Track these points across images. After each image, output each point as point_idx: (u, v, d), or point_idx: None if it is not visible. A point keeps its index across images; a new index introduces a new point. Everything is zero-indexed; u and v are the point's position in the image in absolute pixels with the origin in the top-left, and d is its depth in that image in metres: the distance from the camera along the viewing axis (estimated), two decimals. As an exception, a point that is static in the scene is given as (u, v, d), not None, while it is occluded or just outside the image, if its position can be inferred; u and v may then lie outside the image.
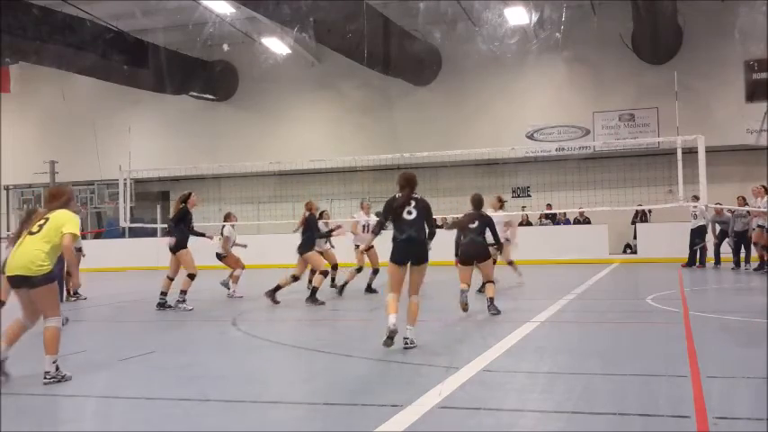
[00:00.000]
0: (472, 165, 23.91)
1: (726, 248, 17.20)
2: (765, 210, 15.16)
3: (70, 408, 5.16)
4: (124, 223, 17.64)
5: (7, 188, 30.46)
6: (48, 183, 27.90)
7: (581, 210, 21.29)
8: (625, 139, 22.22)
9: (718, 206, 16.78)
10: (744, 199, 16.61)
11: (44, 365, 5.63)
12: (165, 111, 28.20)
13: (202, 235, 12.05)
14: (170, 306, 10.81)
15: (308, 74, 26.91)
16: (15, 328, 5.78)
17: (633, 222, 22.51)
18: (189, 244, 11.05)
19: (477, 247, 9.48)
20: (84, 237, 12.52)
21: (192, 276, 10.83)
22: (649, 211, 22.30)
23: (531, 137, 25.04)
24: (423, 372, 5.75)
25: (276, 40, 25.10)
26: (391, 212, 7.21)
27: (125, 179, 17.01)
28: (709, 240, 17.49)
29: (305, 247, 11.38)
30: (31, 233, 5.72)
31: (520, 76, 25.13)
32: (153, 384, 5.82)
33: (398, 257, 7.04)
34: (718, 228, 17.22)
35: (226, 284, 13.21)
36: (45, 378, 5.62)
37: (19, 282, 5.65)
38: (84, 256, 13.24)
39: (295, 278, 11.38)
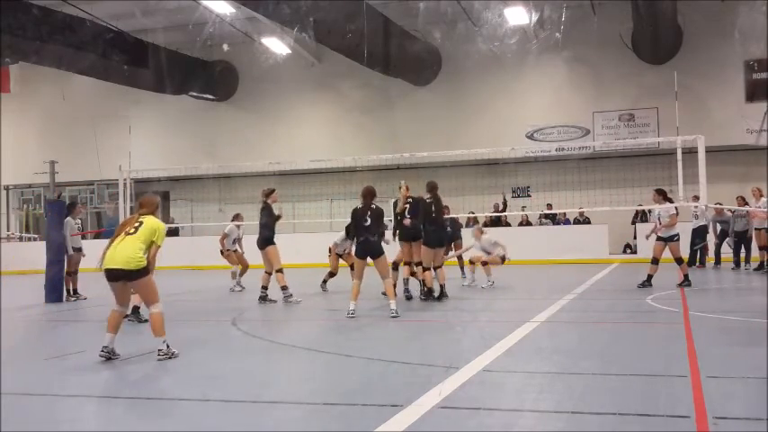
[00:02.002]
0: (472, 165, 23.92)
1: (726, 248, 17.20)
2: (765, 210, 15.17)
3: (70, 408, 5.16)
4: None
5: (7, 188, 30.50)
6: (47, 183, 27.94)
7: (581, 210, 21.30)
8: (625, 140, 22.21)
9: (718, 206, 16.78)
10: (744, 199, 16.61)
11: (157, 345, 6.56)
12: (165, 111, 28.20)
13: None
14: (273, 300, 11.25)
15: (308, 74, 26.91)
16: (117, 317, 6.73)
17: (633, 222, 22.50)
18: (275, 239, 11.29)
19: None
20: (83, 237, 12.50)
21: (280, 271, 11.14)
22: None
23: (531, 137, 25.04)
24: (423, 372, 5.74)
25: (276, 40, 25.10)
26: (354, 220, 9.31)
27: (125, 179, 17.01)
28: (710, 240, 17.49)
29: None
30: (128, 233, 6.68)
31: (520, 76, 25.13)
32: (152, 384, 5.82)
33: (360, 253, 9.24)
34: (718, 227, 17.21)
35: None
36: (158, 355, 6.53)
37: (119, 275, 6.56)
38: (84, 256, 13.24)
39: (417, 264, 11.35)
